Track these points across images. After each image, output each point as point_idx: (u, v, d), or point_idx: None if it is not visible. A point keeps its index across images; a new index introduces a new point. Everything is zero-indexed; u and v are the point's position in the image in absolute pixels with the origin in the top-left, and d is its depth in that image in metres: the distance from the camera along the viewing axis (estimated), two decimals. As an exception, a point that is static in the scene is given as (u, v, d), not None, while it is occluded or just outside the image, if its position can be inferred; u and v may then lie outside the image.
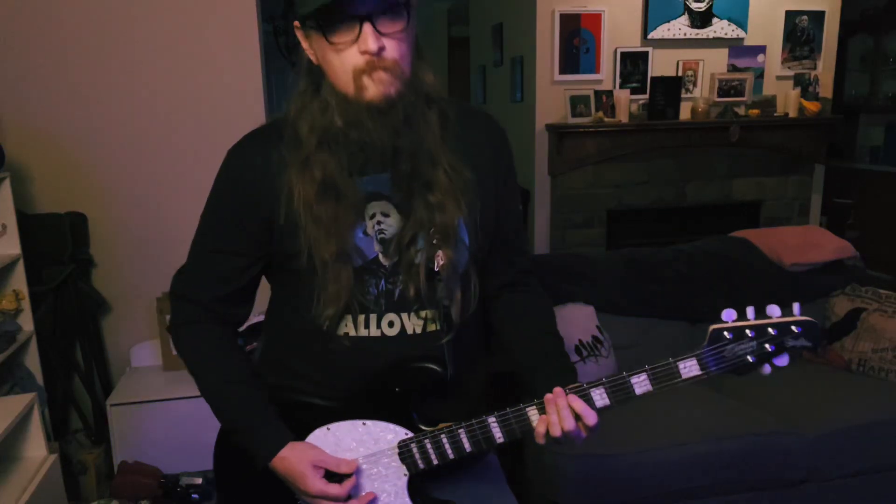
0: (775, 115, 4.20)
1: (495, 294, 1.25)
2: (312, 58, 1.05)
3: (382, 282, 1.09)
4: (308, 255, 1.06)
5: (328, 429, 1.13)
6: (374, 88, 0.98)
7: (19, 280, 2.48)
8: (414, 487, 1.13)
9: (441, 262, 1.08)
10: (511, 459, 2.32)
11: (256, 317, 1.82)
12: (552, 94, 4.05)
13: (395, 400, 1.11)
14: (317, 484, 1.08)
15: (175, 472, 2.58)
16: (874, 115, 5.39)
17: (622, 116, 4.00)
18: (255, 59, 2.85)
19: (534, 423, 1.06)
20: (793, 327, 0.97)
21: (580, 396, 1.03)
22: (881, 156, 5.26)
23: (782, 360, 0.98)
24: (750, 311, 0.99)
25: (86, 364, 2.82)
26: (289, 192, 1.06)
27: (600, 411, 1.03)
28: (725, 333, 0.98)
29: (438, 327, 1.11)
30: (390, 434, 1.12)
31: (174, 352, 2.65)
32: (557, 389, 1.04)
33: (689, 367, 0.99)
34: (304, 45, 1.06)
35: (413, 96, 1.02)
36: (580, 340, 2.31)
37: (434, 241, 1.07)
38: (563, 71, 4.02)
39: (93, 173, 2.79)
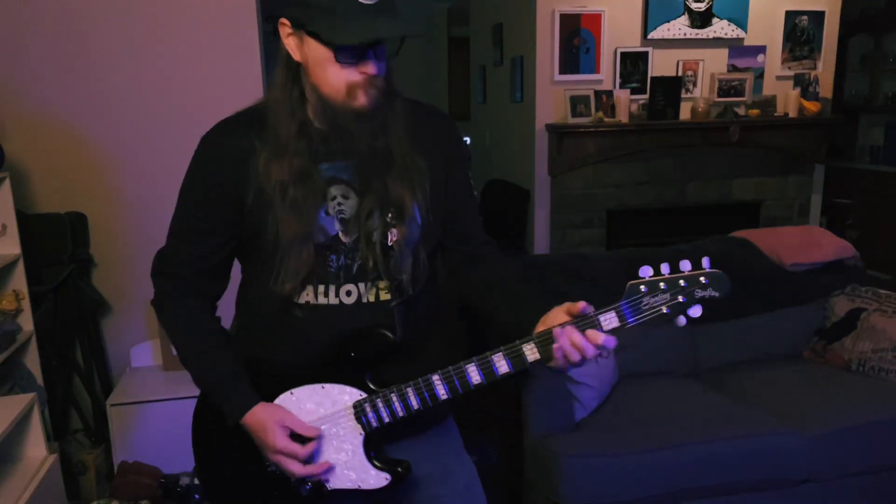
0: (775, 115, 4.20)
1: (459, 270, 1.33)
2: (294, 54, 1.13)
3: (342, 257, 1.19)
4: (275, 233, 1.16)
5: (291, 393, 1.23)
6: (364, 99, 1.11)
7: (19, 280, 2.48)
8: (370, 446, 1.22)
9: (394, 238, 1.19)
10: (511, 459, 2.32)
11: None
12: (552, 94, 4.04)
13: (350, 364, 1.20)
14: (282, 440, 1.17)
15: (175, 472, 2.58)
16: (874, 115, 5.38)
17: (622, 116, 4.00)
18: (254, 59, 2.85)
19: (474, 381, 1.13)
20: (701, 279, 1.04)
21: (516, 352, 1.12)
22: (881, 156, 5.24)
23: (695, 311, 1.05)
24: (664, 266, 1.06)
25: (86, 364, 2.82)
26: (260, 174, 1.16)
27: (531, 363, 1.13)
28: (641, 287, 1.06)
29: (390, 296, 1.22)
30: (346, 395, 1.20)
31: (174, 352, 2.65)
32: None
33: (608, 320, 1.08)
34: (289, 42, 1.13)
35: (387, 101, 1.15)
36: (580, 340, 2.31)
37: (389, 219, 1.19)
38: (563, 71, 4.02)
39: (93, 173, 2.79)
